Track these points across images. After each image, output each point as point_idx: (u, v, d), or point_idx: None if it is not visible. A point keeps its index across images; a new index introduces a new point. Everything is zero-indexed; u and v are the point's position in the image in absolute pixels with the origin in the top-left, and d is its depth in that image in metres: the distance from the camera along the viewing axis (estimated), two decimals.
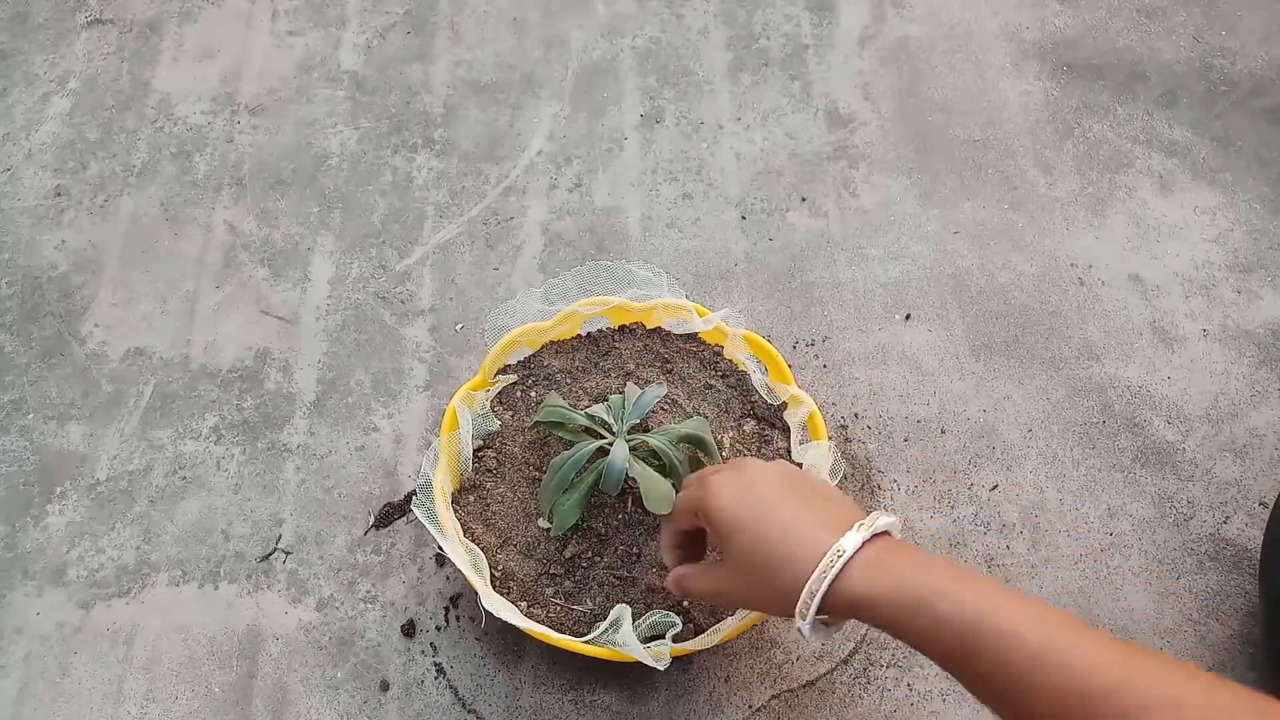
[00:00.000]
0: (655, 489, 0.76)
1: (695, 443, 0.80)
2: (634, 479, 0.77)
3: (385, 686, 0.84)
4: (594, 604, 0.79)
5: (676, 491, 0.77)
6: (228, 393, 0.99)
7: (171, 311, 1.04)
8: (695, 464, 0.81)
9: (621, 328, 0.93)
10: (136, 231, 1.10)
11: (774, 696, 0.83)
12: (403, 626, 0.86)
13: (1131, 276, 1.05)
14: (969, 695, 0.83)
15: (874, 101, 1.18)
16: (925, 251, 1.07)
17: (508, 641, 0.85)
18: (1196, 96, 1.18)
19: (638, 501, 0.81)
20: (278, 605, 0.88)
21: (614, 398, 0.83)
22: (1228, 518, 0.91)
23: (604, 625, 0.76)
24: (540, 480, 0.84)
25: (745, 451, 0.86)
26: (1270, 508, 0.91)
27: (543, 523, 0.82)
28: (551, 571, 0.81)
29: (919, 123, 1.17)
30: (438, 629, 0.86)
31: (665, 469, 0.79)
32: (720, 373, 0.90)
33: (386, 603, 0.88)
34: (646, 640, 0.77)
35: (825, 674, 0.84)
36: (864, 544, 0.57)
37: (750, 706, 0.83)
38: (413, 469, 0.94)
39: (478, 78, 1.21)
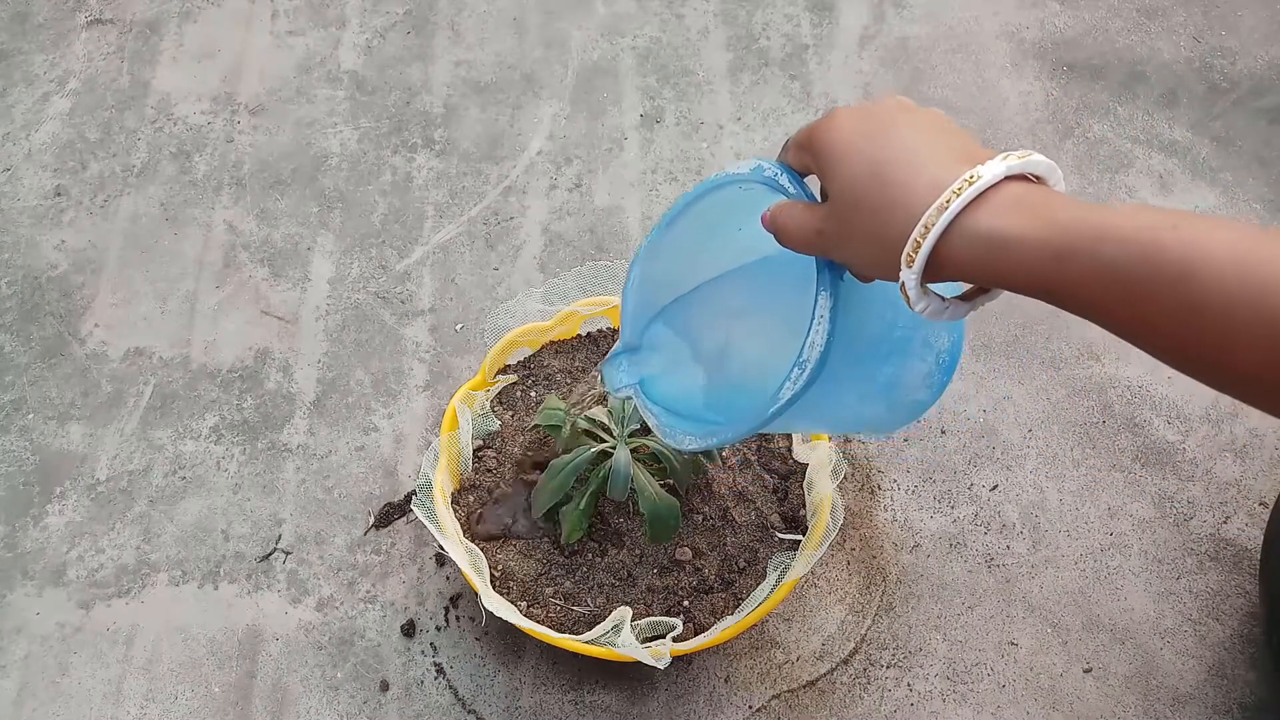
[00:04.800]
0: (660, 520, 0.76)
1: None
2: (634, 486, 0.77)
3: (385, 686, 0.84)
4: (594, 604, 0.79)
5: (679, 503, 0.77)
6: (228, 393, 0.99)
7: (171, 311, 1.04)
8: (695, 466, 0.81)
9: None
10: (136, 231, 1.10)
11: (774, 696, 0.83)
12: (403, 626, 0.86)
13: None
14: (969, 695, 0.83)
15: None
16: None
17: (508, 641, 0.85)
18: (1196, 96, 1.18)
19: (638, 505, 0.81)
20: (278, 605, 0.88)
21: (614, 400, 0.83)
22: (1228, 518, 0.91)
23: (604, 627, 0.76)
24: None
25: (744, 452, 0.86)
26: (1270, 508, 0.91)
27: (539, 521, 0.82)
28: (551, 572, 0.81)
29: None
30: (438, 629, 0.86)
31: (666, 472, 0.79)
32: None
33: (386, 603, 0.88)
34: (646, 640, 0.77)
35: (825, 674, 0.84)
36: (1007, 179, 0.43)
37: (750, 706, 0.83)
38: (413, 469, 0.94)
39: (478, 78, 1.21)
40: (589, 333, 0.93)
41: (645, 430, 0.83)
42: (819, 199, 0.51)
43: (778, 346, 0.55)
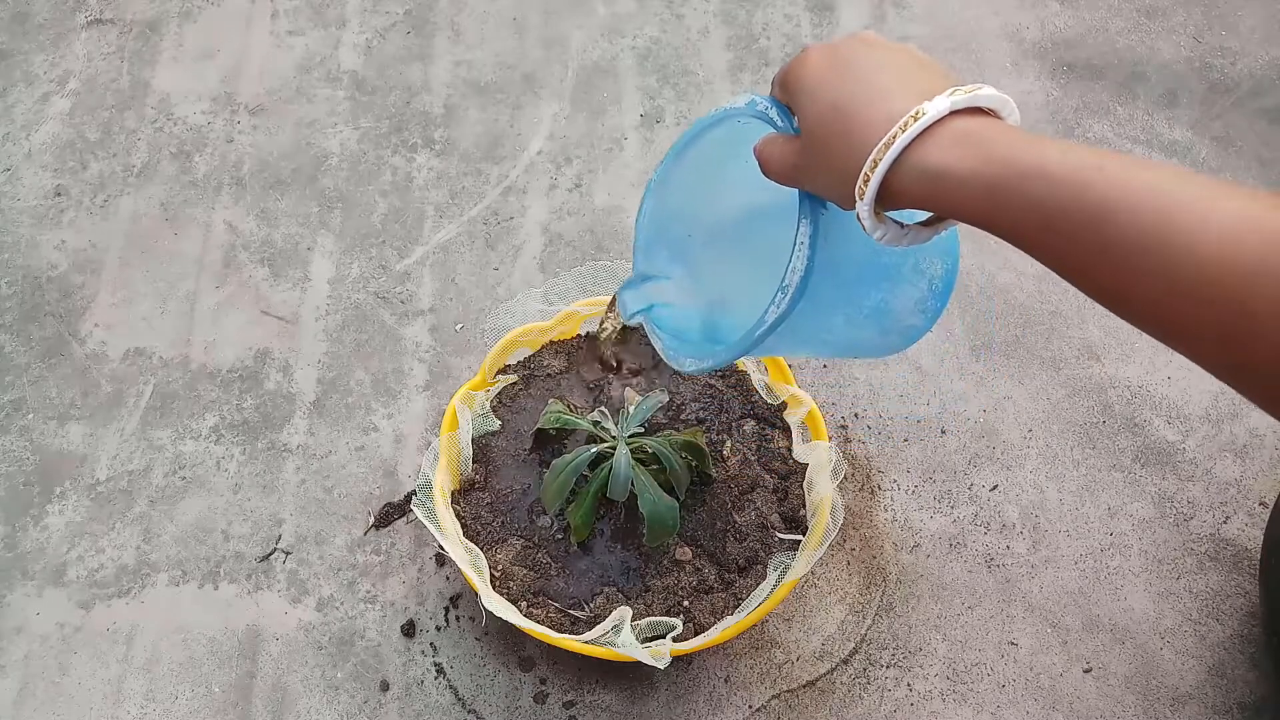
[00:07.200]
0: (660, 521, 0.76)
1: (692, 450, 0.81)
2: (634, 488, 0.77)
3: (385, 686, 0.84)
4: (594, 604, 0.79)
5: (679, 507, 0.77)
6: (228, 393, 0.99)
7: (171, 311, 1.04)
8: (699, 470, 0.82)
9: (622, 328, 0.93)
10: (136, 231, 1.10)
11: (774, 696, 0.83)
12: (403, 626, 0.86)
13: None
14: (969, 695, 0.83)
15: None
16: None
17: (508, 641, 0.85)
18: (1196, 96, 1.18)
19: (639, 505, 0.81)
20: (278, 605, 0.88)
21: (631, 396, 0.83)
22: (1228, 518, 0.91)
23: (604, 627, 0.76)
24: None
25: (744, 452, 0.86)
26: (1270, 508, 0.91)
27: (544, 521, 0.82)
28: (551, 572, 0.81)
29: None
30: (438, 629, 0.86)
31: (665, 473, 0.79)
32: (720, 373, 0.90)
33: (386, 603, 0.88)
34: (646, 640, 0.77)
35: (825, 674, 0.84)
36: (955, 113, 0.44)
37: (750, 706, 0.83)
38: (413, 469, 0.94)
39: (478, 78, 1.21)
40: (589, 333, 0.93)
41: (648, 432, 0.83)
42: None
43: (772, 275, 0.58)
